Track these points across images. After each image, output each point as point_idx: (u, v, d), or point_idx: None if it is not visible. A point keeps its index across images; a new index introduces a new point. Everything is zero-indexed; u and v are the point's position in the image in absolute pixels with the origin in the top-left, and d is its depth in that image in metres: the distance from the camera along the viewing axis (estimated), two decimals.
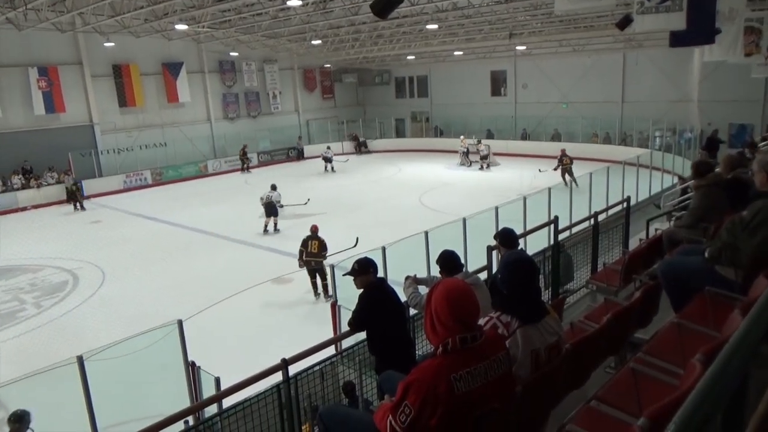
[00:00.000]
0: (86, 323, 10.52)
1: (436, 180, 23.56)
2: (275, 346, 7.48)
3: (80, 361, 5.36)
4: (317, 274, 11.02)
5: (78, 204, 21.48)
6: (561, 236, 7.48)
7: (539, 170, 21.34)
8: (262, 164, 29.08)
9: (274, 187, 16.59)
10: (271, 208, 16.02)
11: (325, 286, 10.96)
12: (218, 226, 17.11)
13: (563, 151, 20.89)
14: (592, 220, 7.95)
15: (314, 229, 11.36)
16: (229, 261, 13.77)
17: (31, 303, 11.95)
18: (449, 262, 4.50)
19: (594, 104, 27.40)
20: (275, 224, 16.13)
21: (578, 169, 19.56)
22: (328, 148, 28.25)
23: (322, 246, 11.02)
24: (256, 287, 11.82)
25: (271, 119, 32.03)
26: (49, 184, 22.80)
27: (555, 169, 20.50)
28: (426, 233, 8.77)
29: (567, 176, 19.73)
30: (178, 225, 17.79)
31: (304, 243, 11.18)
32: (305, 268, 11.04)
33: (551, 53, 27.91)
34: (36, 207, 21.94)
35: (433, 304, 2.46)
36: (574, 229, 8.16)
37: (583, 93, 27.86)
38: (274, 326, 10.08)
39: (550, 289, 7.06)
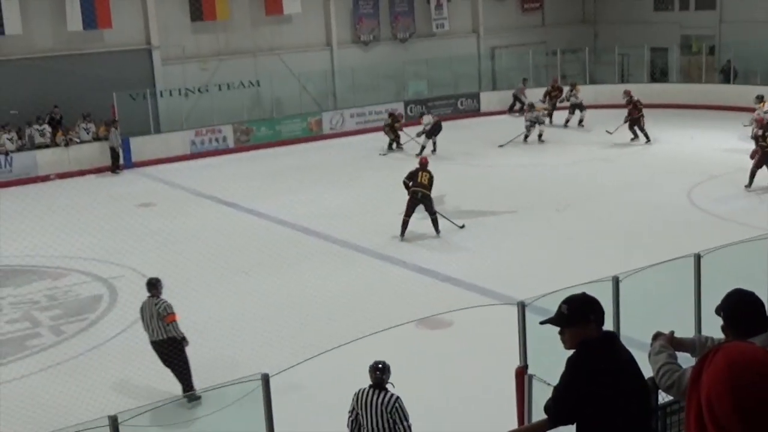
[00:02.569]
0: (122, 364, 11.46)
1: (722, 161, 22.64)
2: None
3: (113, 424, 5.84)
4: (423, 208, 16.64)
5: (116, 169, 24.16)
6: None
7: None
8: (409, 122, 29.59)
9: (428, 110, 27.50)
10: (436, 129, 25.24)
11: (434, 222, 16.80)
12: (337, 224, 17.90)
13: (762, 122, 20.05)
14: None
15: (424, 161, 17.37)
16: (351, 283, 14.35)
17: (47, 326, 13.33)
18: (742, 313, 4.29)
19: None
20: (434, 144, 25.48)
21: None
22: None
23: (431, 180, 16.67)
24: (390, 330, 12.11)
25: (432, 45, 32.75)
26: (82, 141, 25.45)
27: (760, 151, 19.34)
28: (697, 257, 8.43)
29: None
30: (271, 218, 18.87)
31: (412, 175, 16.71)
32: (409, 198, 16.60)
33: None
34: (62, 176, 24.50)
35: (705, 387, 2.40)
36: None
37: None
38: (414, 395, 10.32)
39: None
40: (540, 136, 26.19)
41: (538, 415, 6.00)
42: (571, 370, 4.59)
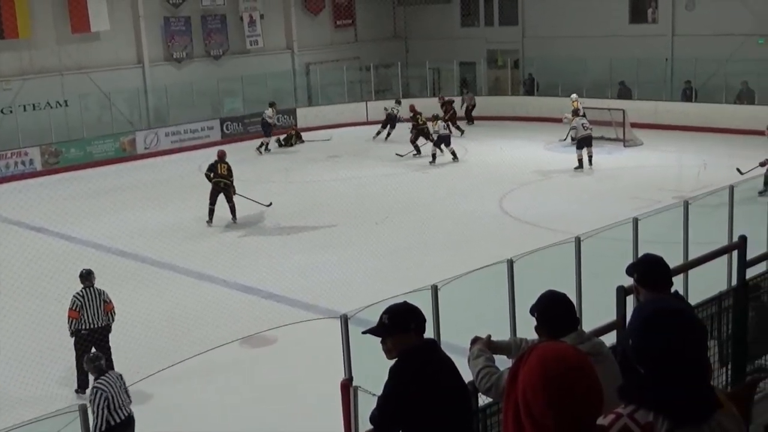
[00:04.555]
0: None
1: (528, 170, 23.68)
2: None
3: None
4: (224, 196, 18.94)
5: None
6: (752, 272, 7.36)
7: (739, 171, 19.95)
8: (226, 140, 29.43)
9: (272, 104, 28.64)
10: (266, 127, 27.95)
11: (232, 209, 19.02)
12: (154, 245, 17.41)
13: None
14: None
15: (221, 154, 19.57)
16: (172, 305, 13.98)
17: None
18: (554, 313, 4.47)
19: None
20: (267, 145, 28.13)
21: None
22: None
23: (230, 170, 19.22)
24: (214, 351, 11.94)
25: (247, 62, 32.69)
26: None
27: (765, 163, 19.82)
28: (510, 262, 8.74)
29: None
30: (84, 242, 18.15)
31: (212, 167, 19.27)
32: (212, 188, 18.98)
33: None
34: None
35: (520, 387, 2.46)
36: None
37: None
38: (242, 413, 10.19)
39: (728, 367, 6.95)
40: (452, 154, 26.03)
41: (365, 426, 6.04)
42: (394, 379, 4.63)
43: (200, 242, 17.66)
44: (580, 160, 23.53)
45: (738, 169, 20.06)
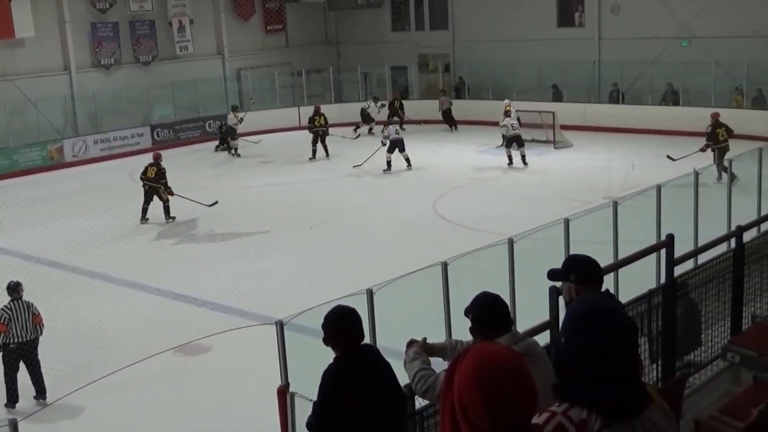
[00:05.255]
0: None
1: (462, 173, 23.86)
2: None
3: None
4: (157, 197, 19.66)
5: None
6: (680, 269, 7.50)
7: (670, 158, 21.06)
8: (157, 146, 29.09)
9: (234, 108, 29.15)
10: (229, 132, 28.19)
11: (166, 209, 19.68)
12: (85, 254, 17.05)
13: (716, 117, 21.05)
14: (734, 242, 7.99)
15: (156, 157, 20.31)
16: (104, 315, 13.75)
17: None
18: (488, 315, 4.50)
19: (737, 41, 27.65)
20: (236, 149, 28.43)
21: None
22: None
23: (158, 173, 19.73)
24: (143, 362, 11.77)
25: (177, 67, 32.30)
26: None
27: (705, 149, 20.59)
28: (444, 265, 8.79)
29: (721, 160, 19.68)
30: (13, 253, 17.77)
31: (144, 171, 19.95)
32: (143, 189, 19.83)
33: None
34: None
35: (456, 389, 2.47)
36: (702, 257, 8.21)
37: (718, 22, 28.22)
38: (178, 422, 10.08)
39: (658, 363, 7.08)
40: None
41: None
42: (327, 384, 4.63)
43: (132, 251, 17.38)
44: (510, 157, 24.11)
45: (669, 156, 20.75)
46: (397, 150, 24.21)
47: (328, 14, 37.39)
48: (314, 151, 26.83)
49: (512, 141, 24.09)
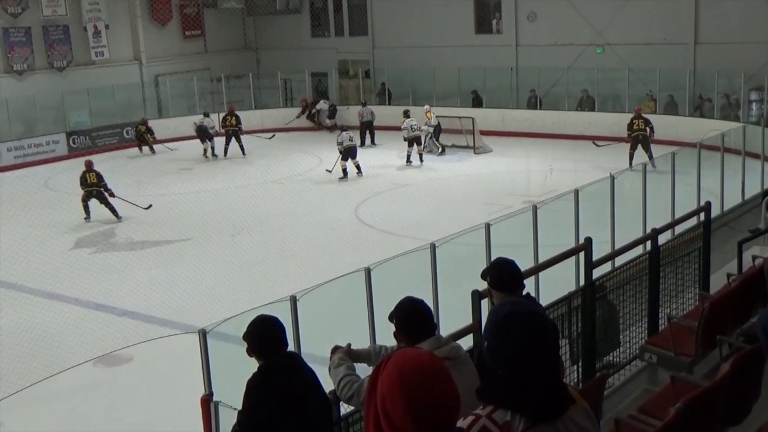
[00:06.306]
0: None
1: (383, 178, 23.91)
2: None
3: None
4: (99, 200, 20.10)
5: None
6: (598, 272, 7.63)
7: (595, 143, 22.84)
8: (73, 153, 28.53)
9: (206, 114, 28.71)
10: (203, 132, 27.84)
11: (113, 211, 20.10)
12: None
13: (638, 111, 23.20)
14: (649, 244, 8.15)
15: (88, 164, 20.64)
16: (19, 327, 13.35)
17: None
18: (411, 320, 4.51)
19: (649, 49, 28.41)
20: (213, 149, 28.14)
21: (626, 154, 20.27)
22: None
23: (99, 176, 20.23)
24: (62, 374, 11.53)
25: (93, 73, 31.68)
26: None
27: (629, 139, 22.46)
28: (367, 270, 8.79)
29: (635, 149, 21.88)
30: None
31: (83, 179, 20.16)
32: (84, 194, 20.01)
33: None
34: None
35: (379, 394, 2.47)
36: (620, 260, 8.36)
37: (631, 30, 28.87)
38: None
39: (579, 364, 7.19)
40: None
41: None
42: (252, 393, 4.60)
43: (49, 260, 16.91)
44: (408, 156, 25.19)
45: (594, 142, 21.95)
46: (350, 158, 24.08)
47: (247, 20, 37.11)
48: (226, 150, 27.72)
49: (413, 141, 25.09)
